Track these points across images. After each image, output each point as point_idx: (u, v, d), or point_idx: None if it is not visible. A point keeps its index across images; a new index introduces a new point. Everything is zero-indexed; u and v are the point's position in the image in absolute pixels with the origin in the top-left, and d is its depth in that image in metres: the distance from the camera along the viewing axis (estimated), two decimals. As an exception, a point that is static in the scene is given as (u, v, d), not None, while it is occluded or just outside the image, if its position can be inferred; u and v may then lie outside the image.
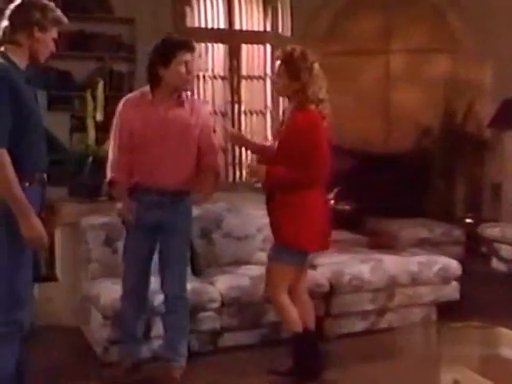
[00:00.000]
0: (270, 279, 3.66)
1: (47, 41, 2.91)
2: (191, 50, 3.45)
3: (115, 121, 3.52)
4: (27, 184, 2.80)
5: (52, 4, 2.92)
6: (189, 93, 3.72)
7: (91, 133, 4.55)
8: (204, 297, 3.99)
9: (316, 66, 3.46)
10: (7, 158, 2.70)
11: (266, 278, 3.69)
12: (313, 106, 3.43)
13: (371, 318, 4.49)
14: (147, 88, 3.51)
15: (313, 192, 3.51)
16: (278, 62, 3.53)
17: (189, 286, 3.77)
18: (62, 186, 5.71)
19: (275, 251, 3.61)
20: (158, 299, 3.74)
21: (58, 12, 2.94)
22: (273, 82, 3.63)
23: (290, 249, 3.51)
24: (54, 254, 4.71)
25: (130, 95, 3.60)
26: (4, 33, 2.85)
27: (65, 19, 2.97)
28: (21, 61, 2.86)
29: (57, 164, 6.19)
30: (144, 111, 3.45)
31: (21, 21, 2.83)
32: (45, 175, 2.95)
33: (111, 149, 3.53)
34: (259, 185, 3.44)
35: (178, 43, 3.44)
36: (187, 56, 3.41)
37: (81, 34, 6.61)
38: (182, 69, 3.39)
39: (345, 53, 7.19)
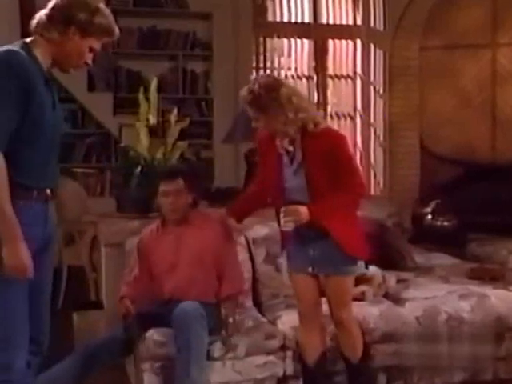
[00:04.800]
0: (345, 298, 3.24)
1: (83, 47, 2.46)
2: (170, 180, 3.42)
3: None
4: (21, 202, 2.35)
5: (108, 11, 2.50)
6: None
7: (142, 138, 3.99)
8: (263, 337, 3.41)
9: (283, 90, 3.02)
10: (3, 164, 2.27)
11: (337, 298, 3.21)
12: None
13: (472, 367, 3.75)
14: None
15: None
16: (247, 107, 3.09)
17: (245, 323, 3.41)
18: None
19: (342, 264, 3.15)
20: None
21: (111, 21, 2.50)
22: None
23: (358, 259, 3.20)
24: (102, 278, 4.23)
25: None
26: (38, 23, 2.45)
27: (116, 32, 2.53)
28: (44, 58, 2.45)
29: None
30: (157, 241, 3.49)
31: (60, 15, 2.43)
32: (48, 191, 2.49)
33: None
34: (290, 228, 2.99)
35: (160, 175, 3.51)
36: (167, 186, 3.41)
37: (152, 31, 6.42)
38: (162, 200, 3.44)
39: (444, 47, 6.71)
